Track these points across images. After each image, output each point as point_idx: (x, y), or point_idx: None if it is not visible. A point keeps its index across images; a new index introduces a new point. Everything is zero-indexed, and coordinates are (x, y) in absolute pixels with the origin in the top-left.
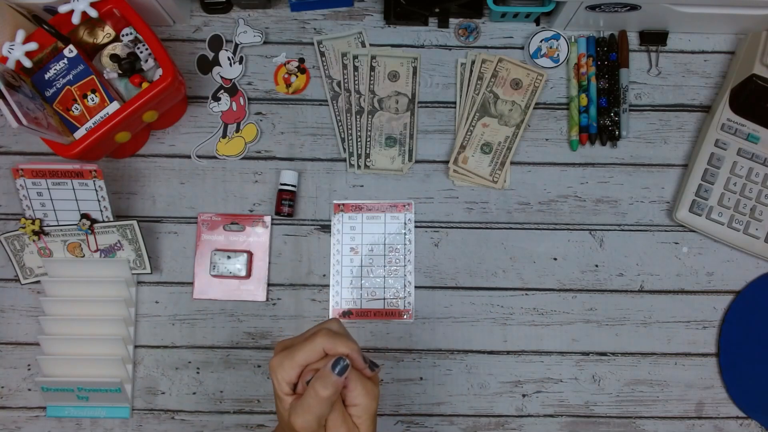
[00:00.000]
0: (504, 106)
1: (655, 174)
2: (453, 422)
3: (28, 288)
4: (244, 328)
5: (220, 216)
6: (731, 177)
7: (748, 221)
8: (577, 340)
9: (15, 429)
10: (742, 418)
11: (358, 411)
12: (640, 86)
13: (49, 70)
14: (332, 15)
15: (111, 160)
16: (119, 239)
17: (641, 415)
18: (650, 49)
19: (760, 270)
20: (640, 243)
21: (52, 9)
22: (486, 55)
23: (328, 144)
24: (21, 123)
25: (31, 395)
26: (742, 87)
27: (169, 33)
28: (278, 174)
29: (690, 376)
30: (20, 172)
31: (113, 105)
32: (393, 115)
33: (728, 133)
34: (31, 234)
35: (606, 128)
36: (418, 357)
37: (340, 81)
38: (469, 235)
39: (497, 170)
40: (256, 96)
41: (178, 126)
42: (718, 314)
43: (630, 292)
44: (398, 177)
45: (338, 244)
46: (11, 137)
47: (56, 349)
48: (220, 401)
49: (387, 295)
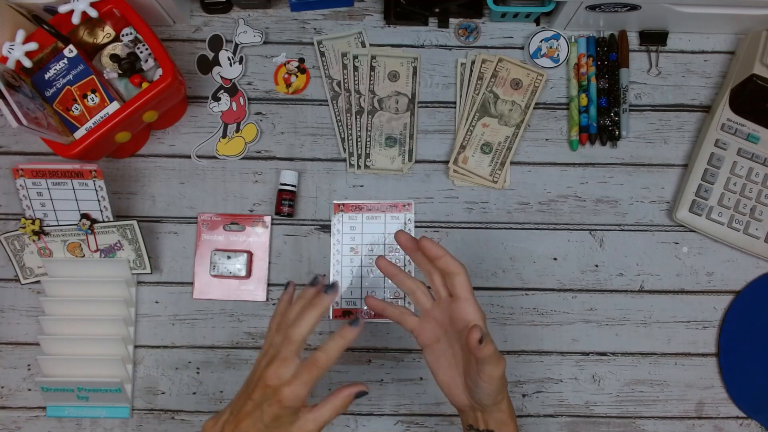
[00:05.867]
0: (504, 106)
1: (655, 174)
2: (453, 422)
3: (28, 288)
4: (244, 328)
5: (220, 216)
6: (731, 177)
7: (748, 221)
8: (577, 340)
9: (15, 429)
10: (742, 418)
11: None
12: (640, 86)
13: (49, 70)
14: (332, 15)
15: (111, 160)
16: (119, 239)
17: (641, 415)
18: (650, 49)
19: (760, 270)
20: (640, 243)
21: (52, 9)
22: (486, 55)
23: (328, 144)
24: (21, 123)
25: (31, 395)
26: (742, 87)
27: (169, 33)
28: (278, 174)
29: (690, 376)
30: (20, 172)
31: (113, 105)
32: (393, 115)
33: (728, 133)
34: (31, 234)
35: (606, 128)
36: (418, 357)
37: (340, 81)
38: (469, 235)
39: (497, 170)
40: (256, 96)
41: (178, 126)
42: (718, 314)
43: (630, 292)
44: (398, 177)
45: (338, 244)
46: (11, 137)
47: (56, 349)
48: (220, 401)
49: (387, 295)
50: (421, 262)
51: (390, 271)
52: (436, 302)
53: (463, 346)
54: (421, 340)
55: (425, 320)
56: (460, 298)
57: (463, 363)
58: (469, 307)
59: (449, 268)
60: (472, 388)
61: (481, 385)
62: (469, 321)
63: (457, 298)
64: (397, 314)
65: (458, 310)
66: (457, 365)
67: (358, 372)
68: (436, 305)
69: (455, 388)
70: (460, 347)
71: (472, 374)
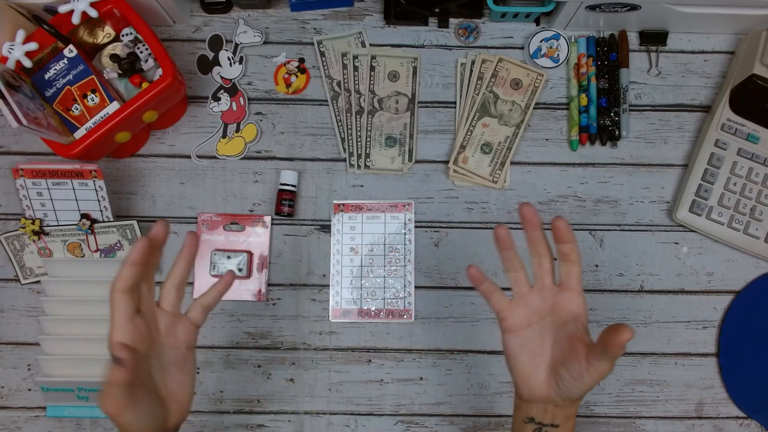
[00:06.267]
0: (504, 106)
1: (655, 174)
2: (453, 422)
3: (28, 288)
4: (244, 328)
5: (220, 216)
6: (731, 177)
7: (748, 221)
8: None
9: (15, 429)
10: (742, 418)
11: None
12: (640, 86)
13: (49, 70)
14: (332, 15)
15: (111, 160)
16: (119, 239)
17: (641, 415)
18: (650, 49)
19: (760, 270)
20: (640, 243)
21: (52, 9)
22: (486, 55)
23: (328, 144)
24: (21, 123)
25: (31, 395)
26: (742, 87)
27: (169, 33)
28: (278, 174)
29: (690, 376)
30: (20, 172)
31: (113, 105)
32: (393, 115)
33: (728, 133)
34: (31, 234)
35: (606, 128)
36: (418, 357)
37: (340, 81)
38: (469, 235)
39: (497, 170)
40: (256, 96)
41: (178, 126)
42: (718, 314)
43: (630, 292)
44: (398, 177)
45: (338, 244)
46: (11, 137)
47: (56, 349)
48: (220, 401)
49: (387, 295)
50: (536, 242)
51: (506, 243)
52: (537, 288)
53: (558, 338)
54: (508, 323)
55: (518, 304)
56: (574, 289)
57: (558, 354)
58: (579, 300)
59: (573, 255)
60: (565, 381)
61: (585, 379)
62: (576, 314)
63: (569, 289)
64: (492, 290)
65: (567, 301)
66: (542, 355)
67: (358, 372)
68: (536, 291)
69: (535, 377)
70: (555, 338)
71: (575, 367)
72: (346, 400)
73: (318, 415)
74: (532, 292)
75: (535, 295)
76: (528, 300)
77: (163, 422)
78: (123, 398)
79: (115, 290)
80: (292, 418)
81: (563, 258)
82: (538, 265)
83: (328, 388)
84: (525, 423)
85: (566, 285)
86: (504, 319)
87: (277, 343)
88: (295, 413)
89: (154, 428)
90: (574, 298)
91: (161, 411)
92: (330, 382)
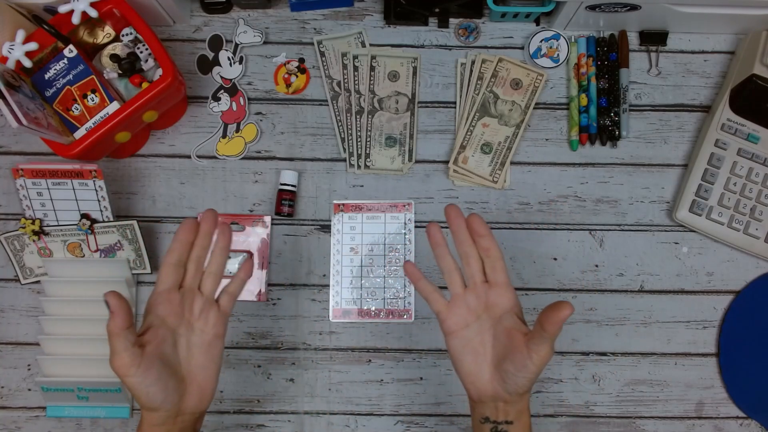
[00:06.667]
0: (504, 106)
1: (655, 174)
2: (453, 422)
3: (28, 288)
4: (244, 328)
5: (220, 216)
6: (731, 177)
7: (748, 221)
8: (577, 340)
9: (15, 429)
10: (742, 418)
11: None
12: (640, 86)
13: (49, 70)
14: (332, 15)
15: (111, 160)
16: (119, 239)
17: (641, 415)
18: (650, 49)
19: (760, 270)
20: (640, 243)
21: (52, 9)
22: (486, 55)
23: (328, 144)
24: (21, 123)
25: (31, 395)
26: (742, 87)
27: (169, 33)
28: (278, 174)
29: (690, 376)
30: (20, 172)
31: (113, 105)
32: (393, 115)
33: (728, 133)
34: (31, 234)
35: (606, 128)
36: (418, 357)
37: (340, 81)
38: None
39: (497, 170)
40: (256, 96)
41: (178, 126)
42: (718, 314)
43: (630, 292)
44: (398, 177)
45: (338, 244)
46: (11, 137)
47: (56, 349)
48: (220, 401)
49: (387, 295)
50: (462, 243)
51: (437, 240)
52: (470, 288)
53: (497, 334)
54: (447, 325)
55: (455, 305)
56: (500, 284)
57: (499, 350)
58: (509, 293)
59: (492, 250)
60: (509, 374)
61: (529, 367)
62: (508, 307)
63: (496, 284)
64: (430, 291)
65: (497, 297)
66: (484, 354)
67: (358, 372)
68: (470, 291)
69: (480, 377)
70: (494, 335)
71: (517, 357)
72: (346, 400)
73: (318, 415)
74: (466, 292)
75: (469, 294)
76: (464, 300)
77: (178, 399)
78: (128, 356)
79: (163, 262)
80: (292, 418)
81: (484, 254)
82: (467, 264)
83: (328, 388)
84: (481, 423)
85: (493, 281)
86: (443, 321)
87: (277, 343)
88: (295, 413)
89: (167, 402)
90: (504, 293)
91: (176, 386)
92: (330, 382)
